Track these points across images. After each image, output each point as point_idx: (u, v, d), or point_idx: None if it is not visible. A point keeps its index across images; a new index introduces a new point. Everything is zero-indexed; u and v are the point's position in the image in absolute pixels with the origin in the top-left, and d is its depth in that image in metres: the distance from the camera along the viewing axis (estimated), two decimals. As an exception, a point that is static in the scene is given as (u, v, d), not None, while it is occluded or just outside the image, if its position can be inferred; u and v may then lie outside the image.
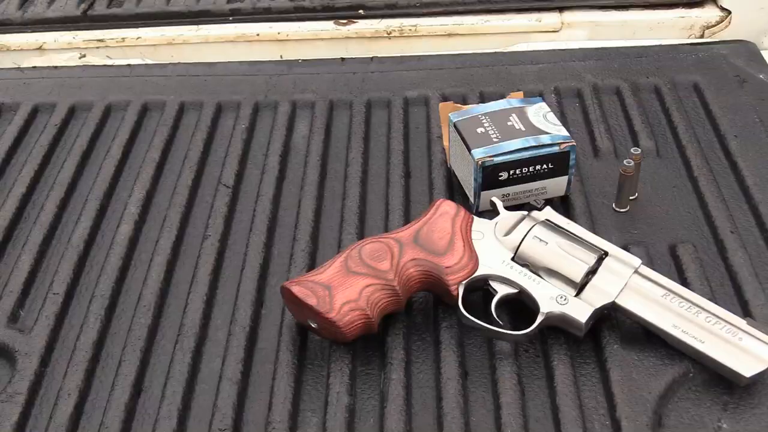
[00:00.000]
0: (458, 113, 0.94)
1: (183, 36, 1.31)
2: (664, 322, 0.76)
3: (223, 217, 0.94)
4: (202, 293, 0.86)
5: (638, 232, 0.90)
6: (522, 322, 0.79)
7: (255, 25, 1.32)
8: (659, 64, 1.14)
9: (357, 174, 0.99)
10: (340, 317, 0.76)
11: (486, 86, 1.12)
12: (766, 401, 0.73)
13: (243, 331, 0.82)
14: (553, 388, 0.75)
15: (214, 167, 1.03)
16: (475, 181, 0.89)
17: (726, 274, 0.85)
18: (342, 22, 1.31)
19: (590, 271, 0.78)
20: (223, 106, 1.12)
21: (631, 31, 1.28)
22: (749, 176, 0.95)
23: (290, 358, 0.79)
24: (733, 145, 0.99)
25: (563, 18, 1.28)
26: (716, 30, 1.26)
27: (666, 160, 1.00)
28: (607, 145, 1.01)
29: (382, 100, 1.11)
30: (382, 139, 1.05)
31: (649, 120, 1.05)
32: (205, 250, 0.91)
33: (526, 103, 0.94)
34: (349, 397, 0.75)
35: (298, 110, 1.11)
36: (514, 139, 0.89)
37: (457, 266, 0.79)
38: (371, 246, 0.80)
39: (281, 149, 1.03)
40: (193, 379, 0.79)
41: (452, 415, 0.73)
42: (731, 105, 1.06)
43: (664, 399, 0.74)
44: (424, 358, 0.79)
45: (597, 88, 1.11)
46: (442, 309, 0.82)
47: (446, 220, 0.82)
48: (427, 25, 1.29)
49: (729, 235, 0.88)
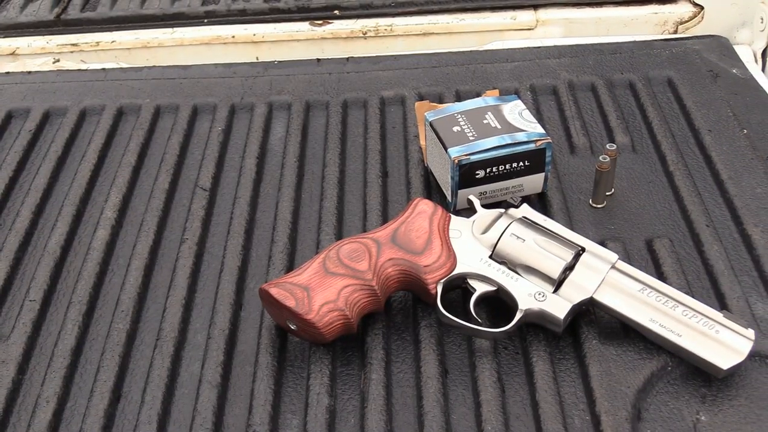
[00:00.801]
0: (434, 112, 0.94)
1: (158, 39, 1.30)
2: (642, 316, 0.76)
3: (200, 221, 0.94)
4: (180, 297, 0.85)
5: (615, 227, 0.91)
6: (501, 320, 0.79)
7: (230, 27, 1.31)
8: (633, 60, 1.15)
9: (334, 174, 0.99)
10: (319, 318, 0.76)
11: (462, 85, 1.12)
12: (743, 393, 0.74)
13: (222, 334, 0.81)
14: (533, 384, 0.75)
15: (191, 170, 1.02)
16: (452, 180, 0.89)
17: (702, 267, 0.86)
18: (317, 23, 1.31)
19: (567, 268, 0.78)
20: (199, 109, 1.12)
21: (605, 27, 1.28)
22: (723, 170, 0.96)
23: (270, 361, 0.79)
24: (707, 140, 1.00)
25: (538, 16, 1.28)
26: (689, 25, 1.27)
27: (641, 155, 1.00)
28: (583, 142, 1.02)
29: (358, 100, 1.11)
30: (359, 139, 1.05)
31: (624, 116, 1.06)
32: (182, 254, 0.90)
33: (501, 101, 0.95)
34: (329, 398, 0.75)
35: (274, 112, 1.11)
36: (491, 137, 0.89)
37: (435, 265, 0.79)
38: (349, 246, 0.80)
39: (258, 151, 1.03)
40: (172, 384, 0.78)
41: (433, 414, 0.73)
42: (705, 100, 1.07)
43: (643, 393, 0.74)
44: (404, 358, 0.79)
45: (572, 84, 1.11)
46: (421, 308, 0.82)
47: (424, 219, 0.82)
48: (403, 25, 1.29)
49: (705, 228, 0.89)
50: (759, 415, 0.72)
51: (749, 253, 0.86)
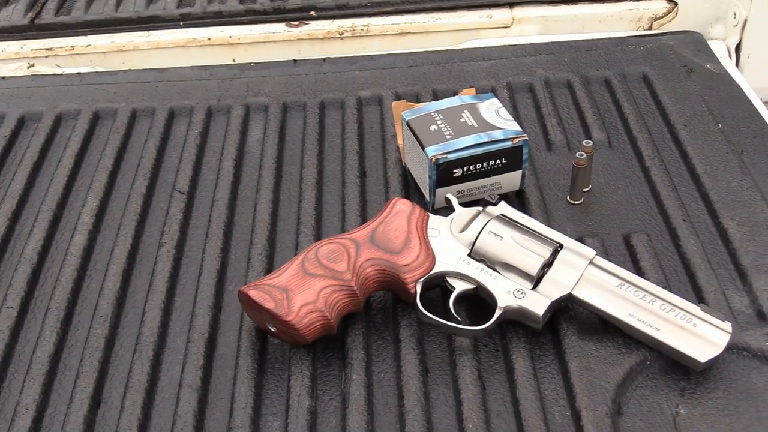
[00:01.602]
0: (411, 111, 0.94)
1: (133, 42, 1.30)
2: (620, 311, 0.77)
3: (178, 224, 0.94)
4: (159, 301, 0.85)
5: (593, 223, 0.91)
6: (480, 318, 0.79)
7: (206, 30, 1.31)
8: (609, 57, 1.16)
9: (312, 175, 0.99)
10: (299, 320, 0.75)
11: (439, 84, 1.12)
12: (722, 385, 0.75)
13: (202, 337, 0.81)
14: (513, 381, 0.75)
15: (168, 174, 1.02)
16: (429, 179, 0.89)
17: (679, 261, 0.86)
18: (294, 24, 1.30)
19: (546, 264, 0.79)
20: (175, 112, 1.11)
21: (580, 24, 1.29)
22: (699, 164, 0.96)
23: (250, 363, 0.78)
24: (682, 135, 1.01)
25: (514, 14, 1.29)
26: (664, 21, 1.28)
27: (618, 151, 1.01)
28: (560, 139, 1.02)
29: (335, 100, 1.11)
30: (337, 139, 1.05)
31: (600, 112, 1.06)
32: (161, 258, 0.90)
33: (478, 99, 0.95)
34: (310, 399, 0.75)
35: (251, 113, 1.11)
36: (467, 136, 0.90)
37: (414, 264, 0.79)
38: (327, 247, 0.80)
39: (235, 153, 1.03)
40: (152, 389, 0.78)
41: (414, 413, 0.73)
42: (680, 95, 1.07)
43: (623, 387, 0.75)
44: (385, 357, 0.79)
45: (548, 82, 1.12)
46: (400, 307, 0.82)
47: (402, 219, 0.82)
48: (379, 25, 1.29)
49: (681, 223, 0.89)
50: (737, 407, 0.73)
51: (725, 247, 0.87)
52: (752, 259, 0.85)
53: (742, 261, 0.85)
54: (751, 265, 0.84)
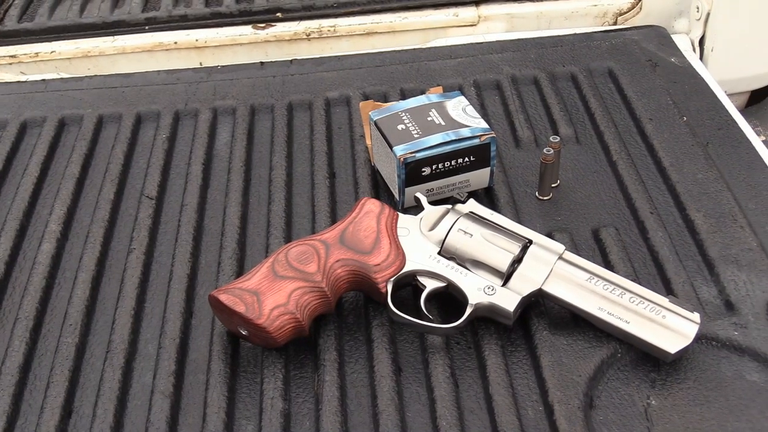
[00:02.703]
0: (378, 111, 0.94)
1: (99, 48, 1.29)
2: (590, 305, 0.77)
3: (147, 230, 0.93)
4: (129, 308, 0.84)
5: (562, 218, 0.92)
6: (452, 315, 0.79)
7: (172, 33, 1.30)
8: (575, 53, 1.17)
9: (281, 177, 0.99)
10: (270, 323, 0.75)
11: (406, 83, 1.12)
12: (692, 376, 0.75)
13: (173, 343, 0.81)
14: (486, 378, 0.76)
15: (136, 179, 1.01)
16: (398, 178, 0.89)
17: (648, 254, 0.87)
18: (260, 26, 1.30)
19: (516, 260, 0.79)
20: (142, 117, 1.11)
21: (546, 21, 1.30)
22: (665, 157, 0.97)
23: (222, 367, 0.78)
24: (648, 128, 1.02)
25: (480, 12, 1.29)
26: (629, 16, 1.29)
27: (585, 146, 1.02)
28: (528, 135, 1.03)
29: (303, 102, 1.11)
30: (306, 141, 1.05)
31: (567, 108, 1.07)
32: (130, 264, 0.89)
33: (445, 97, 0.95)
34: (283, 402, 0.75)
35: (219, 117, 1.10)
36: (435, 134, 0.90)
37: (385, 264, 0.79)
38: (297, 249, 0.80)
39: (204, 157, 1.02)
40: (124, 396, 0.77)
41: (387, 413, 0.73)
42: (645, 89, 1.08)
43: (594, 381, 0.75)
44: (357, 358, 0.79)
45: (515, 79, 1.12)
46: (372, 307, 0.82)
47: (371, 219, 0.82)
48: (346, 25, 1.29)
49: (649, 216, 0.90)
50: (707, 396, 0.73)
51: (693, 238, 0.88)
52: (719, 250, 0.85)
53: (710, 252, 0.85)
54: (718, 256, 0.85)
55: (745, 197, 0.92)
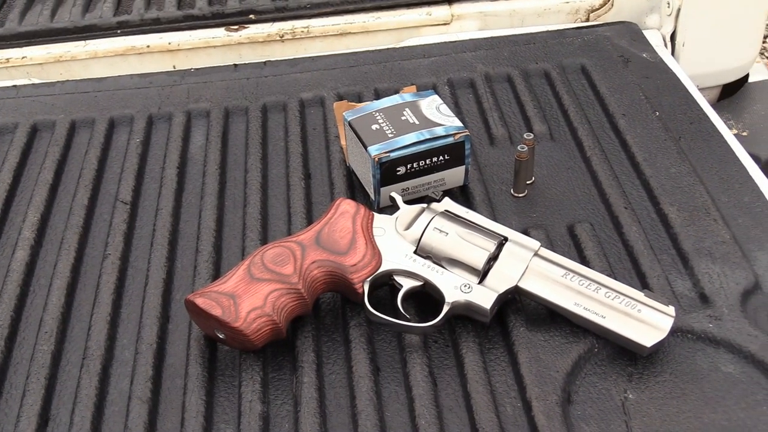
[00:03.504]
0: (352, 111, 0.94)
1: (70, 52, 1.28)
2: (566, 301, 0.77)
3: (122, 235, 0.93)
4: (105, 314, 0.84)
5: (537, 215, 0.92)
6: (429, 314, 0.79)
7: (144, 37, 1.29)
8: (547, 50, 1.17)
9: (257, 180, 0.98)
10: (247, 325, 0.75)
11: (380, 83, 1.13)
12: (668, 369, 0.76)
13: (150, 348, 0.80)
14: (464, 375, 0.76)
15: (111, 184, 1.00)
16: (373, 178, 0.89)
17: (623, 248, 0.88)
18: (233, 28, 1.29)
19: (491, 258, 0.79)
20: (115, 122, 1.10)
21: (519, 19, 1.30)
22: (638, 152, 0.98)
23: (200, 371, 0.78)
24: (621, 124, 1.02)
25: (453, 10, 1.29)
26: (600, 13, 1.29)
27: (559, 142, 1.02)
28: (502, 133, 1.03)
29: (277, 103, 1.11)
30: (280, 143, 1.05)
31: (541, 105, 1.08)
32: (105, 270, 0.89)
33: (418, 96, 0.95)
34: (262, 404, 0.75)
35: (193, 120, 1.10)
36: (409, 133, 0.90)
37: (361, 264, 0.79)
38: (273, 251, 0.80)
39: (178, 161, 1.02)
40: (101, 403, 0.77)
41: (366, 413, 0.73)
42: (617, 85, 1.09)
43: (572, 376, 0.76)
44: (335, 359, 0.79)
45: (489, 77, 1.13)
46: (349, 308, 0.82)
47: (347, 219, 0.82)
48: (320, 26, 1.29)
49: (623, 211, 0.91)
50: (683, 389, 0.74)
51: (667, 232, 0.88)
52: (693, 243, 0.86)
53: (684, 245, 0.86)
54: (692, 249, 0.85)
55: (717, 190, 0.93)
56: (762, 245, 0.86)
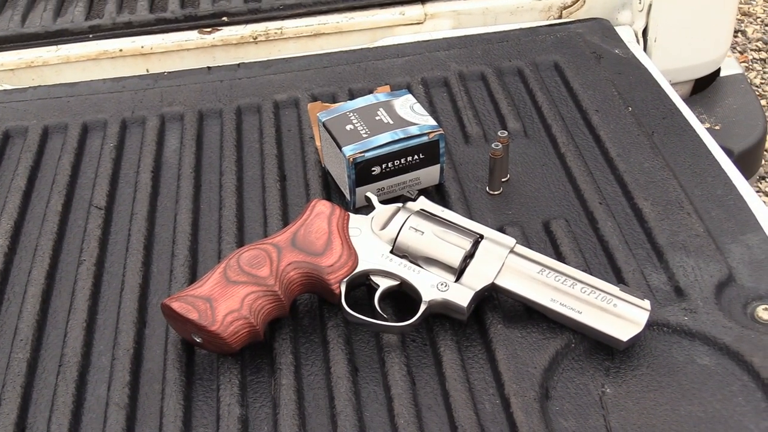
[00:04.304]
0: (327, 112, 0.94)
1: (42, 58, 1.27)
2: (543, 297, 0.78)
3: (97, 240, 0.92)
4: (81, 320, 0.83)
5: (512, 212, 0.92)
6: (407, 313, 0.79)
7: (117, 41, 1.28)
8: (520, 47, 1.17)
9: (232, 182, 0.98)
10: (224, 329, 0.75)
11: (354, 83, 1.13)
12: (645, 362, 0.76)
13: (127, 354, 0.80)
14: (442, 374, 0.76)
15: (85, 190, 1.00)
16: (348, 178, 0.89)
17: (598, 244, 0.88)
18: (206, 31, 1.29)
19: (467, 256, 0.79)
20: (89, 127, 1.09)
21: (492, 17, 1.30)
22: (612, 148, 0.98)
23: (178, 376, 0.77)
24: (595, 120, 1.03)
25: (426, 9, 1.29)
26: (573, 10, 1.30)
27: (534, 139, 1.02)
28: (477, 131, 1.04)
29: (251, 105, 1.10)
30: (255, 145, 1.05)
31: (514, 102, 1.08)
32: (81, 276, 0.88)
33: (392, 96, 0.95)
34: (240, 407, 0.75)
35: (167, 123, 1.09)
36: (383, 133, 0.90)
37: (337, 264, 0.79)
38: (249, 254, 0.79)
39: (152, 165, 1.02)
40: (78, 410, 0.76)
41: (345, 413, 0.73)
42: (590, 81, 1.10)
43: (550, 372, 0.76)
44: (314, 360, 0.79)
45: (463, 75, 1.13)
46: (327, 309, 0.82)
47: (322, 220, 0.82)
48: (293, 27, 1.29)
49: (598, 206, 0.91)
50: (660, 382, 0.75)
51: (641, 226, 0.89)
52: (667, 237, 0.87)
53: (658, 239, 0.87)
54: (666, 243, 0.86)
55: (690, 184, 0.93)
56: (735, 238, 0.86)
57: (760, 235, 0.86)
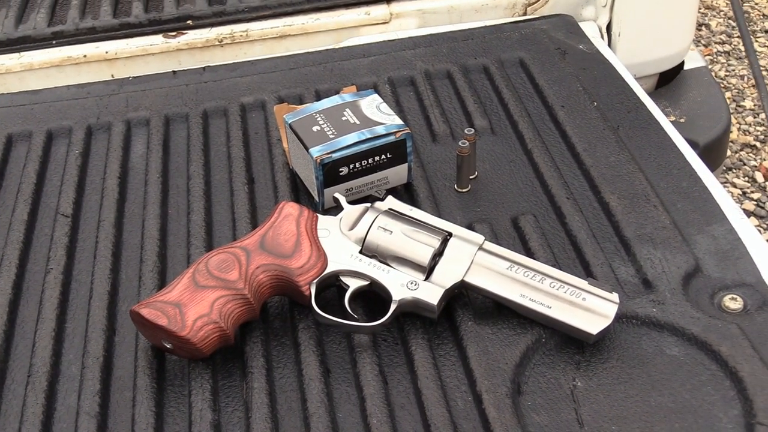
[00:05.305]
0: (293, 114, 0.94)
1: (4, 65, 1.25)
2: (512, 293, 0.78)
3: (64, 248, 0.91)
4: (49, 329, 0.82)
5: (481, 209, 0.93)
6: (378, 313, 0.79)
7: (81, 47, 1.27)
8: (486, 45, 1.18)
9: (200, 186, 0.98)
10: (194, 334, 0.74)
11: (321, 84, 1.12)
12: (615, 355, 0.77)
13: (97, 362, 0.79)
14: (414, 372, 0.76)
15: (50, 198, 0.99)
16: (317, 180, 0.89)
17: (566, 238, 0.89)
18: (171, 35, 1.28)
19: (437, 254, 0.80)
20: (53, 134, 1.08)
21: (458, 15, 1.31)
22: (578, 143, 0.99)
23: (149, 383, 0.77)
24: (561, 115, 1.03)
25: (391, 9, 1.29)
26: (537, 6, 1.31)
27: (501, 136, 1.03)
28: (444, 129, 1.04)
29: (218, 109, 1.10)
30: (222, 148, 1.04)
31: (481, 99, 1.08)
32: (48, 285, 0.87)
33: (358, 96, 0.95)
34: (212, 412, 0.74)
35: (133, 129, 1.08)
36: (350, 134, 0.90)
37: (306, 266, 0.79)
38: (217, 257, 0.79)
39: (119, 171, 1.01)
40: (48, 420, 0.76)
41: (318, 415, 0.73)
42: (556, 77, 1.10)
43: (521, 367, 0.76)
44: (285, 362, 0.79)
45: (429, 74, 1.13)
46: (297, 311, 0.82)
47: (290, 222, 0.82)
48: (258, 29, 1.28)
49: (565, 201, 0.92)
50: (630, 373, 0.75)
51: (609, 220, 0.90)
52: (634, 230, 0.87)
53: (625, 232, 0.87)
54: (633, 236, 0.87)
55: (656, 177, 0.94)
56: (701, 229, 0.87)
57: (726, 225, 0.87)
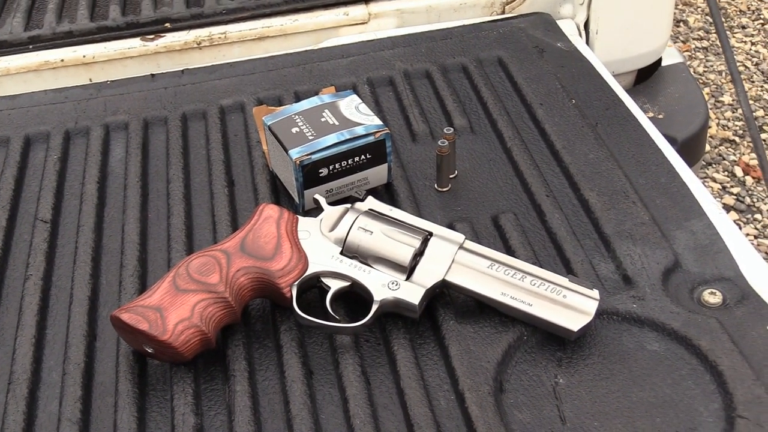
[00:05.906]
0: (272, 115, 0.94)
1: (-19, 71, 1.24)
2: (493, 291, 0.78)
3: (43, 254, 0.91)
4: (29, 336, 0.82)
5: (461, 208, 0.93)
6: (360, 314, 0.79)
7: (58, 51, 1.26)
8: (464, 44, 1.18)
9: (179, 190, 0.97)
10: (175, 338, 0.74)
11: (300, 85, 1.12)
12: (596, 351, 0.77)
13: (78, 368, 0.79)
14: (397, 372, 0.76)
15: (29, 203, 0.98)
16: (296, 181, 0.89)
17: (546, 236, 0.89)
18: (149, 38, 1.27)
19: (417, 254, 0.80)
20: (31, 139, 1.08)
21: (436, 15, 1.31)
22: (557, 140, 0.99)
23: (130, 388, 0.77)
24: (539, 113, 1.04)
25: (370, 9, 1.29)
26: (515, 5, 1.31)
27: (480, 135, 1.03)
28: (423, 128, 1.04)
29: (197, 111, 1.10)
30: (202, 151, 1.04)
31: (460, 99, 1.09)
32: (28, 291, 0.87)
33: (337, 97, 0.95)
34: (195, 416, 0.74)
35: (111, 133, 1.08)
36: (330, 135, 0.90)
37: (287, 268, 0.79)
38: (198, 261, 0.79)
39: (98, 175, 1.00)
40: (30, 427, 0.75)
41: (301, 417, 0.73)
42: (534, 75, 1.11)
43: (503, 365, 0.77)
44: (268, 365, 0.78)
45: (408, 73, 1.13)
46: (279, 313, 0.82)
47: (271, 224, 0.82)
48: (237, 31, 1.28)
49: (545, 199, 0.92)
50: (611, 369, 0.76)
51: (588, 217, 0.90)
52: (614, 226, 0.88)
53: (605, 229, 0.88)
54: (613, 232, 0.87)
55: (635, 173, 0.95)
56: (680, 224, 0.88)
57: (704, 220, 0.88)
